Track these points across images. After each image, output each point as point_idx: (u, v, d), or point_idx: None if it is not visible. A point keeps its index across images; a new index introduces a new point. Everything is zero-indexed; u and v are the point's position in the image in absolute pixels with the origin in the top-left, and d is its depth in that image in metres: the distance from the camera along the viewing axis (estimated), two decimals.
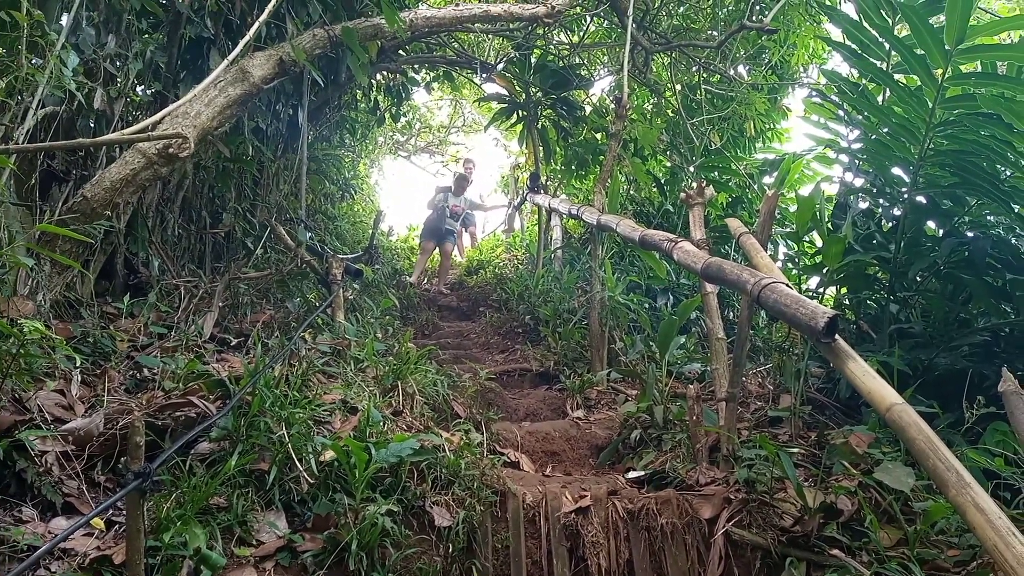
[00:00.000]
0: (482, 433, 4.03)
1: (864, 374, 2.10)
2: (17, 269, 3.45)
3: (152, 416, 2.97)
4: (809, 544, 2.80)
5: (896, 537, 2.70)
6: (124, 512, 2.28)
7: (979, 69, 4.09)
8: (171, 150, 3.99)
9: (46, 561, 2.27)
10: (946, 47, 3.57)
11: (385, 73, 8.61)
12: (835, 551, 2.63)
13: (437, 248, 10.23)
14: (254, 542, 2.66)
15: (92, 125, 4.52)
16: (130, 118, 4.89)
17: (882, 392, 2.01)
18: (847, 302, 4.70)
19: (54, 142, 4.03)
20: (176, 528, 2.38)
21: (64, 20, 4.10)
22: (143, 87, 5.21)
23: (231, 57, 4.07)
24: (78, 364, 3.23)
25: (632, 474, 3.77)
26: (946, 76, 3.69)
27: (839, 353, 2.21)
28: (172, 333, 4.14)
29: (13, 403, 2.83)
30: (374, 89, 8.96)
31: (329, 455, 2.95)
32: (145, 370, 3.61)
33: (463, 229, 12.08)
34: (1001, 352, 3.77)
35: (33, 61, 3.74)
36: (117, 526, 2.55)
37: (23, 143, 3.66)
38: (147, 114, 4.66)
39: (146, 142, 3.96)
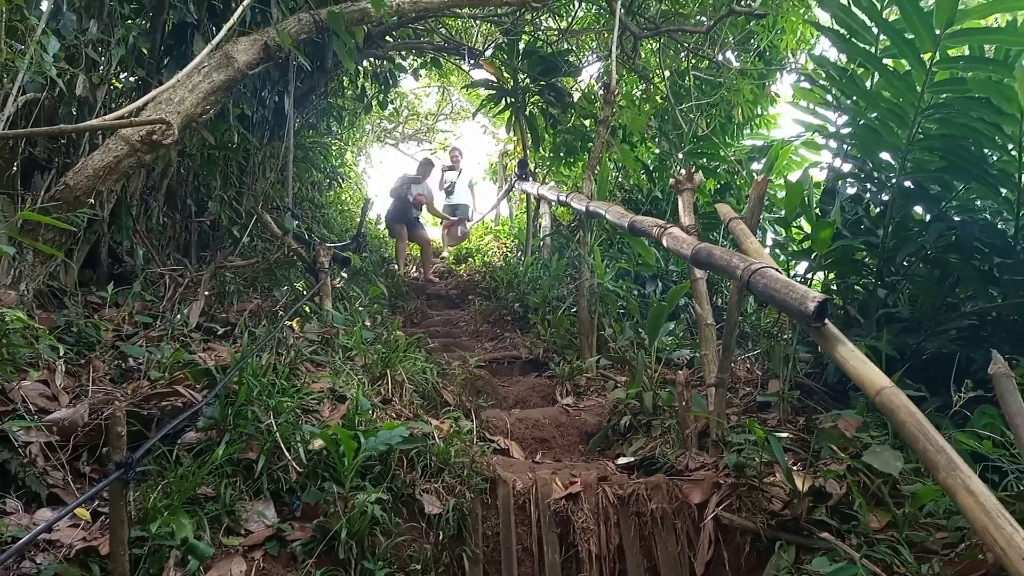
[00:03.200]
0: (472, 421, 4.02)
1: (853, 358, 2.10)
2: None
3: (137, 406, 2.94)
4: (798, 527, 2.80)
5: (885, 520, 2.71)
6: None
7: (968, 52, 4.08)
8: (155, 137, 3.94)
9: (31, 552, 2.25)
10: (935, 31, 3.56)
11: (372, 59, 8.55)
12: (824, 534, 2.63)
13: (409, 233, 10.02)
14: (243, 532, 2.64)
15: (74, 112, 4.46)
16: (113, 105, 4.83)
17: (871, 376, 2.01)
18: (835, 287, 4.70)
19: (35, 128, 3.96)
20: (163, 518, 2.36)
21: (44, 5, 4.03)
22: (126, 73, 5.14)
23: (215, 42, 4.02)
24: (62, 354, 3.20)
25: (622, 460, 3.77)
26: (935, 60, 3.68)
27: (829, 337, 2.21)
28: (157, 322, 4.11)
29: None
30: (361, 76, 8.89)
31: (318, 444, 2.93)
32: (130, 360, 3.58)
33: (459, 219, 11.79)
34: (988, 336, 3.78)
35: (13, 46, 3.68)
36: (103, 517, 2.52)
37: (3, 130, 3.60)
38: (130, 101, 4.59)
39: (129, 129, 3.91)
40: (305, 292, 5.25)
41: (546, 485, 3.22)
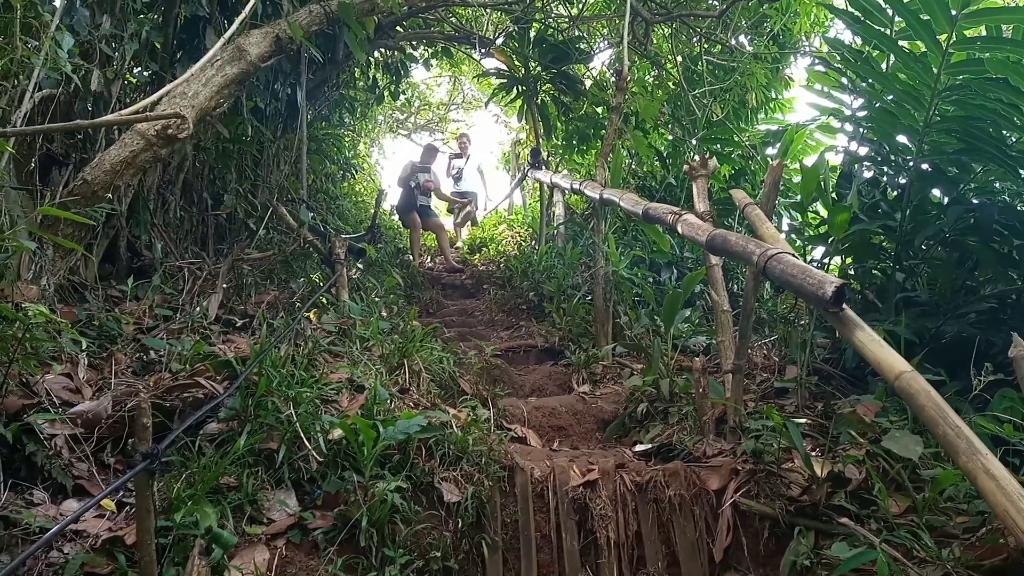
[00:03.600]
0: (489, 409, 4.04)
1: (872, 342, 2.09)
2: (20, 253, 3.44)
3: (160, 398, 2.98)
4: (817, 513, 2.80)
5: (904, 505, 2.70)
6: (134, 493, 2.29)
7: (984, 33, 4.03)
8: (170, 131, 3.97)
9: (58, 543, 2.29)
10: (951, 11, 3.52)
11: (383, 50, 8.54)
12: (843, 519, 2.63)
13: (422, 222, 9.90)
14: (265, 520, 2.68)
15: (90, 108, 4.49)
16: (128, 100, 4.87)
17: (891, 360, 2.00)
18: (852, 272, 4.67)
19: (52, 124, 4.00)
20: (187, 508, 2.39)
21: (58, 1, 4.05)
22: (139, 68, 5.17)
23: (227, 35, 4.03)
24: (84, 347, 3.24)
25: (639, 447, 3.78)
26: (951, 41, 3.64)
27: (847, 322, 2.20)
28: (177, 315, 4.15)
29: (20, 387, 2.84)
30: (372, 67, 8.88)
31: (337, 433, 2.96)
32: (151, 352, 3.62)
33: (468, 200, 11.71)
34: (1008, 319, 3.76)
35: (28, 43, 3.71)
36: (128, 507, 2.56)
37: (21, 126, 3.64)
38: (144, 95, 4.62)
39: (145, 123, 3.94)
40: (322, 283, 5.29)
41: (564, 472, 3.23)
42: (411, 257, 9.45)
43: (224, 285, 4.68)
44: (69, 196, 3.86)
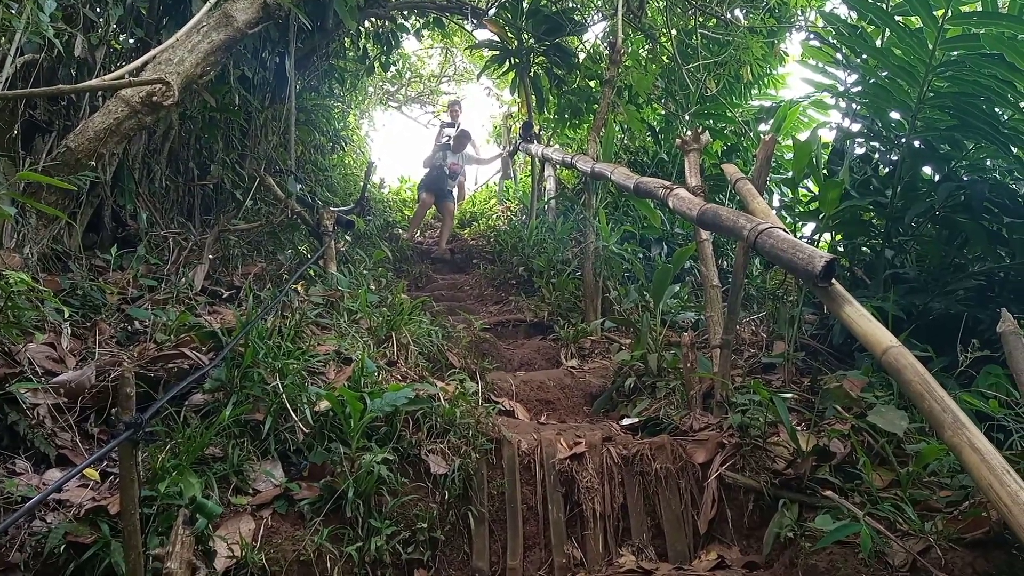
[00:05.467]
0: (477, 383, 4.03)
1: (860, 317, 2.09)
2: (2, 222, 3.39)
3: (144, 368, 2.96)
4: (802, 486, 2.82)
5: (888, 479, 2.72)
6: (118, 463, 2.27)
7: (980, 8, 3.99)
8: (155, 98, 3.89)
9: (41, 512, 2.28)
10: None
11: (374, 20, 8.40)
12: (827, 492, 2.65)
13: (436, 204, 9.56)
14: (251, 491, 2.67)
15: (74, 74, 4.41)
16: (112, 66, 4.76)
17: (878, 335, 2.00)
18: (842, 249, 4.67)
19: (34, 89, 3.92)
20: (171, 478, 2.38)
21: None
22: (125, 35, 5.07)
23: (213, 0, 3.94)
24: (67, 317, 3.20)
25: (626, 421, 3.80)
26: (947, 16, 3.61)
27: (835, 297, 2.20)
28: (162, 286, 4.11)
29: (3, 356, 2.80)
30: (363, 36, 8.75)
31: (324, 405, 2.95)
32: (136, 323, 3.59)
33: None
34: (996, 296, 3.77)
35: (8, 6, 3.62)
36: (112, 477, 2.55)
37: (2, 91, 3.57)
38: (129, 62, 4.53)
39: (129, 90, 3.87)
40: (309, 256, 5.24)
41: (551, 445, 3.24)
42: (402, 232, 9.35)
43: (210, 256, 4.63)
44: (52, 163, 3.79)
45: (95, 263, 4.18)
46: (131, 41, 5.09)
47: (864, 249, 4.56)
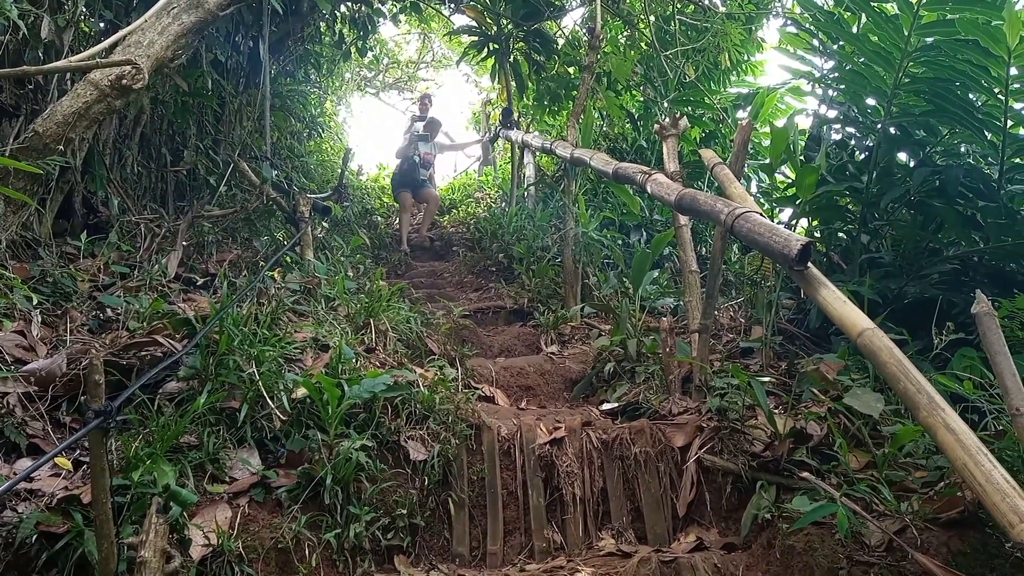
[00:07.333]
0: (457, 369, 4.02)
1: (836, 300, 2.10)
2: None
3: (116, 356, 2.91)
4: (779, 468, 2.85)
5: (864, 460, 2.75)
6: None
7: None
8: (124, 81, 3.81)
9: (12, 502, 2.23)
10: None
11: (349, 4, 8.29)
12: (804, 474, 2.67)
13: (414, 197, 9.12)
14: (227, 479, 2.64)
15: (41, 57, 4.30)
16: (81, 49, 4.65)
17: (853, 318, 2.01)
18: (818, 234, 4.70)
19: None
20: (145, 467, 2.34)
21: None
22: (94, 18, 4.96)
23: None
24: (37, 304, 3.14)
25: (606, 406, 3.80)
26: (922, 2, 3.62)
27: (811, 280, 2.20)
28: (135, 273, 4.04)
29: None
30: (338, 21, 8.63)
31: (301, 392, 2.92)
32: (108, 310, 3.53)
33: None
34: (970, 280, 3.81)
35: None
36: (85, 466, 2.50)
37: None
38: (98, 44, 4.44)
39: (98, 73, 3.78)
40: (286, 243, 5.18)
41: (531, 431, 3.24)
42: (379, 219, 9.22)
43: (184, 243, 4.56)
44: (20, 148, 3.70)
45: (66, 250, 4.10)
46: (100, 24, 4.99)
47: (840, 234, 4.60)
